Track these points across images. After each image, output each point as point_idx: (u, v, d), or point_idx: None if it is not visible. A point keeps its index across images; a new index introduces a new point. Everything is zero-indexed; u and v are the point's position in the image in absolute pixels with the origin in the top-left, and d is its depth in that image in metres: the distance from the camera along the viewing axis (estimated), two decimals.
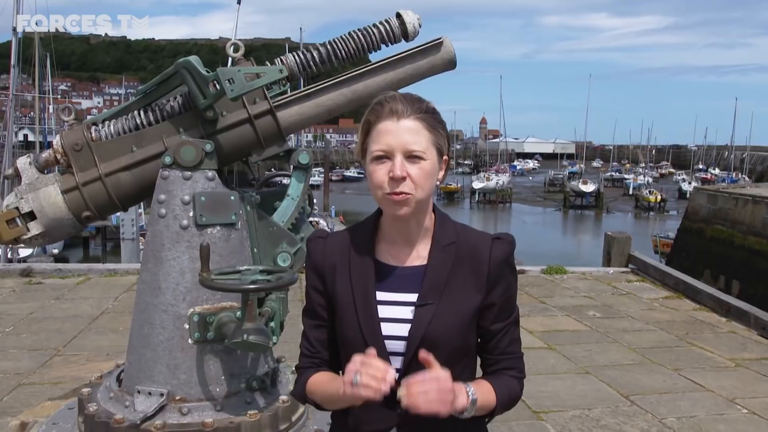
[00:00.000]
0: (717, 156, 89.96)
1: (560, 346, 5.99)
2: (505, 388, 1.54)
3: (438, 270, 1.53)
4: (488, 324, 1.56)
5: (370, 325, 1.51)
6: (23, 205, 2.64)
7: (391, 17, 2.74)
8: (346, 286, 1.55)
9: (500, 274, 1.55)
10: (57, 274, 8.29)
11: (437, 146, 1.49)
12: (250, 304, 2.31)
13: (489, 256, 1.54)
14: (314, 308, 1.61)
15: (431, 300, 1.50)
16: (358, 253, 1.56)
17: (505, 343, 1.58)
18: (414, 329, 1.49)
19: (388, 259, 1.56)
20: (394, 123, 1.45)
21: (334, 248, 1.59)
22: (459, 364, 1.53)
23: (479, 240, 1.57)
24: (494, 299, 1.55)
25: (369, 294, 1.52)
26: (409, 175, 1.44)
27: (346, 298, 1.54)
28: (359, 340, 1.50)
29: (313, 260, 1.61)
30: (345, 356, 1.55)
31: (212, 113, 2.60)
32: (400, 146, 1.44)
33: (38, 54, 36.19)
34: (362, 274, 1.54)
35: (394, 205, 1.46)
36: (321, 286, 1.59)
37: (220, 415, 2.52)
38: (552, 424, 4.29)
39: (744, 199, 17.44)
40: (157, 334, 2.55)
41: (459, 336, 1.52)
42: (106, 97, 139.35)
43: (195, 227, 2.54)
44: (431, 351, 1.44)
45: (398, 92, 1.55)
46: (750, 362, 5.69)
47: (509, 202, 57.81)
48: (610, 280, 8.92)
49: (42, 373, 4.97)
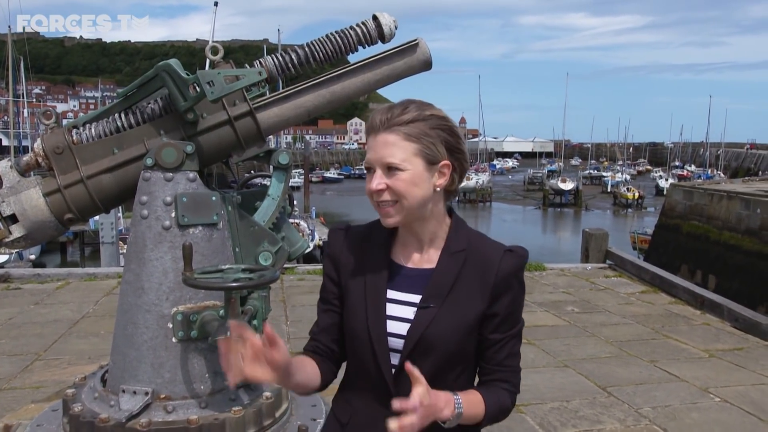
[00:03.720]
0: (693, 153, 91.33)
1: (539, 340, 6.09)
2: (495, 400, 1.56)
3: (443, 275, 1.56)
4: (487, 333, 1.58)
5: (377, 320, 1.56)
6: (5, 208, 2.65)
7: (367, 20, 2.79)
8: (359, 280, 1.61)
9: (507, 286, 1.57)
10: (36, 279, 8.22)
11: (423, 154, 1.50)
12: (233, 302, 2.35)
13: (498, 267, 1.56)
14: (327, 296, 1.68)
15: (433, 303, 1.54)
16: (374, 250, 1.62)
17: (503, 355, 1.60)
18: (412, 330, 1.53)
19: (400, 259, 1.62)
20: (373, 138, 1.52)
21: (353, 242, 1.66)
22: (455, 370, 1.57)
23: (491, 250, 1.59)
24: (497, 309, 1.56)
25: (380, 290, 1.58)
26: (390, 187, 1.49)
27: (358, 292, 1.60)
28: (364, 333, 1.57)
29: (331, 250, 1.67)
30: (349, 346, 1.64)
31: (192, 115, 2.63)
32: (378, 160, 1.50)
33: (12, 57, 35.67)
34: (376, 270, 1.60)
35: (382, 216, 1.55)
36: (335, 276, 1.66)
37: (204, 413, 2.56)
38: (531, 417, 4.38)
39: (719, 195, 17.78)
40: (141, 333, 2.58)
41: (457, 341, 1.54)
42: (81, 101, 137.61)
43: (177, 228, 2.58)
44: (427, 353, 1.52)
45: (385, 105, 1.57)
46: (723, 353, 5.84)
47: (489, 201, 58.16)
48: (588, 275, 9.07)
49: (23, 378, 4.95)
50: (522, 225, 45.90)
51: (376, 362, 1.56)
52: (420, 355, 1.52)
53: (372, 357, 1.56)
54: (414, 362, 1.42)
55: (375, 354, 1.55)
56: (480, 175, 62.69)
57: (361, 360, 1.60)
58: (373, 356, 1.56)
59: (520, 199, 61.59)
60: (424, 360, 1.52)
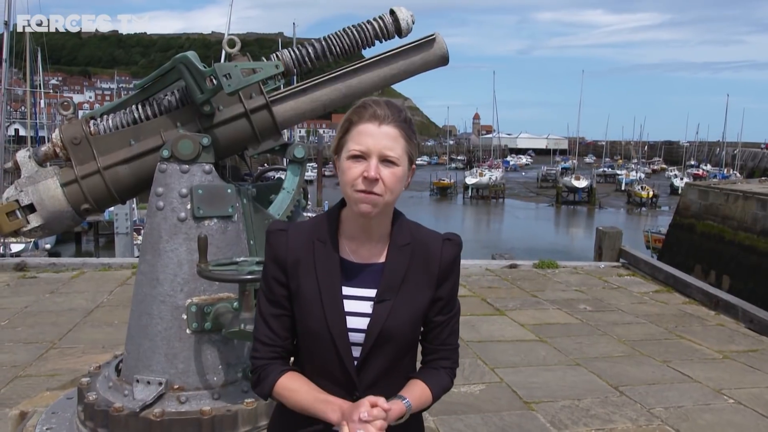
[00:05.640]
0: (709, 152, 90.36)
1: (551, 338, 6.07)
2: (438, 384, 1.68)
3: (394, 269, 1.62)
4: (432, 316, 1.68)
5: (336, 318, 1.57)
6: (23, 197, 2.68)
7: (384, 14, 2.79)
8: (311, 280, 1.59)
9: (448, 272, 1.67)
10: (51, 269, 8.31)
11: (409, 155, 1.57)
12: (247, 295, 2.36)
13: (440, 256, 1.66)
14: (277, 299, 1.63)
15: (388, 297, 1.60)
16: (323, 248, 1.61)
17: (446, 334, 1.70)
18: (372, 324, 1.58)
19: (348, 254, 1.63)
20: (375, 127, 1.52)
21: (297, 242, 1.62)
22: (407, 356, 1.67)
23: (431, 240, 1.68)
24: (442, 294, 1.67)
25: (336, 289, 1.59)
26: (382, 178, 1.51)
27: (312, 292, 1.59)
28: (324, 333, 1.58)
29: (275, 252, 1.63)
30: (305, 346, 1.63)
31: (209, 108, 2.65)
32: (377, 150, 1.51)
33: (29, 48, 35.97)
34: (328, 269, 1.60)
35: (363, 204, 1.52)
36: (283, 278, 1.62)
37: (217, 404, 2.58)
38: (542, 414, 4.36)
39: (735, 195, 17.58)
40: (156, 324, 2.60)
41: (411, 330, 1.65)
42: (97, 92, 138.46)
43: (192, 219, 2.59)
44: (386, 343, 1.59)
45: (382, 98, 1.61)
46: (737, 354, 5.79)
47: (502, 197, 57.91)
48: (601, 274, 9.02)
49: (38, 366, 5.01)
50: (535, 222, 45.67)
51: (339, 359, 1.58)
52: (379, 347, 1.59)
53: (335, 355, 1.58)
54: (374, 354, 1.58)
55: (338, 352, 1.58)
56: (493, 172, 62.46)
57: (322, 359, 1.60)
58: (336, 354, 1.58)
59: (533, 196, 61.28)
60: (383, 350, 1.60)
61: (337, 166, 1.59)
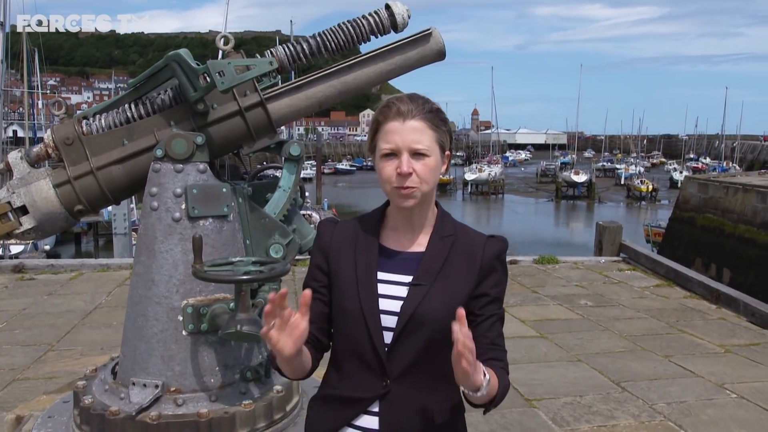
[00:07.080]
0: (708, 145, 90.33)
1: (552, 334, 6.04)
2: (503, 379, 1.59)
3: (434, 256, 1.65)
4: (478, 309, 1.65)
5: (369, 298, 1.61)
6: (15, 199, 2.65)
7: (380, 9, 2.75)
8: (349, 264, 1.66)
9: (492, 268, 1.66)
10: (49, 270, 8.28)
11: (440, 143, 1.62)
12: (243, 295, 2.33)
13: (483, 250, 1.67)
14: (314, 285, 1.70)
15: (424, 282, 1.62)
16: (364, 237, 1.69)
17: (495, 333, 1.66)
18: (405, 306, 1.60)
19: (390, 244, 1.69)
20: (401, 123, 1.58)
21: (342, 233, 1.72)
22: (440, 353, 1.54)
23: (475, 236, 1.71)
24: (486, 290, 1.65)
25: (371, 271, 1.64)
26: (415, 171, 1.57)
27: (349, 273, 1.65)
28: (357, 311, 1.61)
29: (320, 241, 1.73)
30: (339, 328, 1.67)
31: (203, 106, 2.61)
32: (406, 145, 1.57)
33: (26, 49, 35.90)
34: (367, 254, 1.66)
35: (402, 198, 1.59)
36: (325, 265, 1.70)
37: (214, 406, 2.54)
38: (544, 411, 4.34)
39: (734, 188, 17.56)
40: (151, 326, 2.57)
41: (446, 318, 1.51)
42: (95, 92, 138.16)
43: (187, 219, 2.56)
44: (418, 329, 1.58)
45: (405, 94, 1.66)
46: (739, 348, 5.76)
47: (501, 193, 57.89)
48: (601, 269, 8.99)
49: (36, 368, 4.98)
50: (534, 217, 45.65)
51: (370, 339, 1.61)
52: (412, 332, 1.59)
53: (366, 334, 1.61)
54: (405, 338, 1.58)
55: (369, 331, 1.60)
56: (492, 167, 62.43)
57: (354, 339, 1.63)
58: (367, 333, 1.61)
59: (532, 192, 61.26)
60: (415, 336, 1.59)
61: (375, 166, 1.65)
